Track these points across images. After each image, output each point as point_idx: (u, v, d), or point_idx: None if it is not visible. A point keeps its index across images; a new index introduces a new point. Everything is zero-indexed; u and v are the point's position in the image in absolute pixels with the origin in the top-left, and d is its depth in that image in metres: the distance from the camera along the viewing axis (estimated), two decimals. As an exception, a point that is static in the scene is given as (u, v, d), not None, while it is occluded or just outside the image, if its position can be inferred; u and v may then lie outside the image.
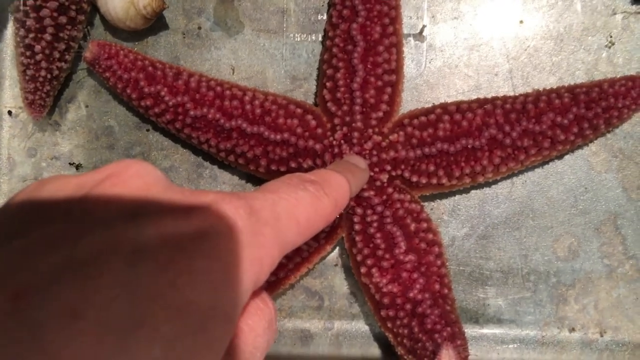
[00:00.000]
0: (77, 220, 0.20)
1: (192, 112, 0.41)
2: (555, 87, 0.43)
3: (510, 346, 0.47)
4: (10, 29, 0.48)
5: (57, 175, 0.23)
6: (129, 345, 0.17)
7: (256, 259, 0.22)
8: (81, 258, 0.18)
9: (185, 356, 0.19)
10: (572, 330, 0.46)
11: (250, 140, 0.41)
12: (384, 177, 0.41)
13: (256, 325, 0.24)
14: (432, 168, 0.41)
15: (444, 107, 0.42)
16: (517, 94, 0.43)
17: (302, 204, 0.26)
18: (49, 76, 0.44)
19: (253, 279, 0.22)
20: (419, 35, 0.46)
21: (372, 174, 0.41)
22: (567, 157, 0.46)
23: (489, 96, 0.43)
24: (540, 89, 0.43)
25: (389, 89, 0.41)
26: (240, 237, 0.21)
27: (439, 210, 0.47)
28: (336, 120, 0.42)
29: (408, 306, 0.39)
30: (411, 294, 0.39)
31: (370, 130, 0.41)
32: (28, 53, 0.43)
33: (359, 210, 0.41)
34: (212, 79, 0.43)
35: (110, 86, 0.43)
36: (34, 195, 0.22)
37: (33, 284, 0.18)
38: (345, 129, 0.41)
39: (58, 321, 0.17)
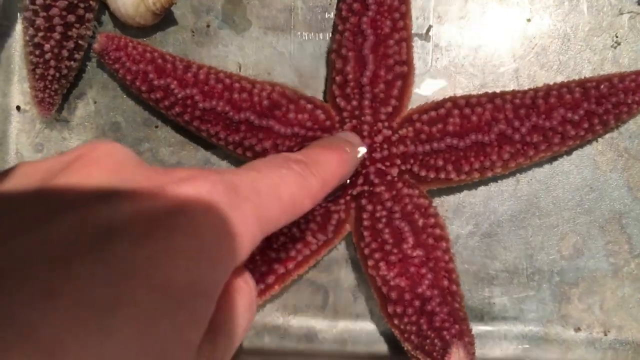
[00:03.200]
0: (49, 203, 0.20)
1: (200, 105, 0.41)
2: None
3: (514, 343, 0.47)
4: (18, 25, 0.48)
5: (23, 162, 0.23)
6: (109, 323, 0.17)
7: (235, 235, 0.21)
8: (55, 238, 0.18)
9: (167, 333, 0.18)
10: (577, 329, 0.46)
11: (259, 133, 0.41)
12: (394, 171, 0.41)
13: (237, 303, 0.24)
14: (440, 163, 0.41)
15: (454, 100, 0.42)
16: (526, 89, 0.43)
17: (285, 181, 0.25)
18: (57, 75, 0.44)
19: (232, 256, 0.21)
20: (425, 35, 0.47)
21: (382, 167, 0.41)
22: (573, 156, 0.46)
23: (496, 94, 0.43)
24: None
25: (399, 82, 0.41)
26: (217, 212, 0.21)
27: (443, 208, 0.47)
28: (345, 114, 0.42)
29: (417, 303, 0.39)
30: (419, 290, 0.39)
31: (380, 124, 0.42)
32: (37, 52, 0.43)
33: (369, 207, 0.41)
34: (220, 71, 0.43)
35: (120, 78, 0.43)
36: (1, 183, 0.21)
37: (5, 267, 0.17)
38: (354, 121, 0.42)
39: (34, 301, 0.16)
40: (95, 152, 0.22)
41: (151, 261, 0.18)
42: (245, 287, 0.24)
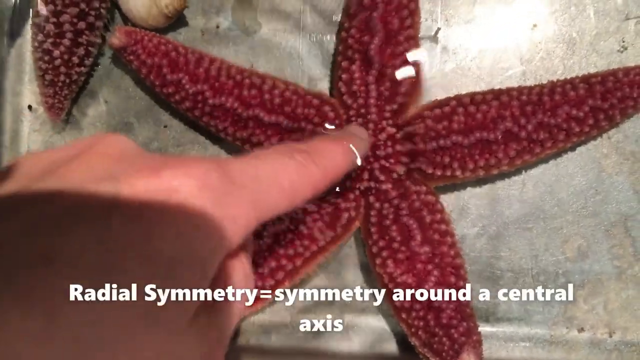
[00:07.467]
0: (50, 186, 0.21)
1: (210, 101, 0.42)
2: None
3: (520, 345, 0.47)
4: (30, 24, 0.48)
5: (31, 152, 0.24)
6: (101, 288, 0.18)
7: (228, 218, 0.22)
8: (55, 212, 0.19)
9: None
10: (581, 330, 0.47)
11: (267, 129, 0.42)
12: (401, 169, 0.42)
13: (232, 280, 0.25)
14: (447, 160, 0.41)
15: (459, 99, 0.42)
16: (532, 85, 0.43)
17: (286, 169, 0.26)
18: (67, 81, 0.45)
19: (225, 237, 0.22)
20: (433, 38, 0.47)
21: (387, 165, 0.42)
22: (577, 159, 0.47)
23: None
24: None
25: (407, 80, 0.42)
26: (210, 195, 0.22)
27: (448, 209, 0.47)
28: (351, 112, 0.43)
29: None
30: (426, 287, 0.39)
31: (384, 122, 0.42)
32: (46, 58, 0.44)
33: (376, 204, 0.42)
34: (232, 66, 0.43)
35: (134, 71, 0.44)
36: (6, 174, 0.22)
37: (4, 235, 0.18)
38: (360, 120, 0.42)
39: (32, 265, 0.18)
40: (101, 144, 0.24)
41: (145, 235, 0.20)
42: (239, 265, 0.25)
